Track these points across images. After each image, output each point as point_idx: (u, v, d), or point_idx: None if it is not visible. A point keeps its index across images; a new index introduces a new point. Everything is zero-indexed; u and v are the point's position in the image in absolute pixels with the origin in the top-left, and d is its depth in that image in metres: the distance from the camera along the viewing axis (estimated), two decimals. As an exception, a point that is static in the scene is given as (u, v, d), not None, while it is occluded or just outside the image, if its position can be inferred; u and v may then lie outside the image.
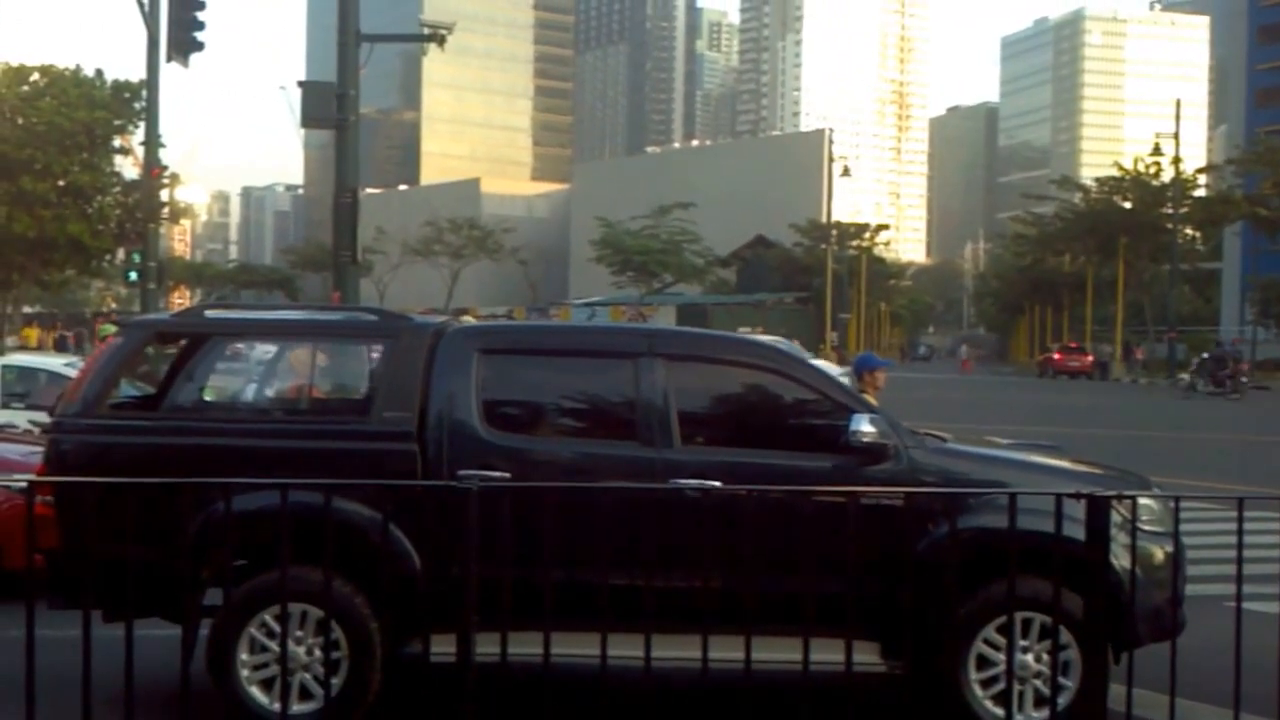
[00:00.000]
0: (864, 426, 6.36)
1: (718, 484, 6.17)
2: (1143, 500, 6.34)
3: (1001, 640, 6.06)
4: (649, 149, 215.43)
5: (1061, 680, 5.97)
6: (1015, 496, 5.66)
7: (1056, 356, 65.23)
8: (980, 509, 6.22)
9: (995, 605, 6.11)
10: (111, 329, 12.35)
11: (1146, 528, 6.35)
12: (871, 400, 8.01)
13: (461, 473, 6.17)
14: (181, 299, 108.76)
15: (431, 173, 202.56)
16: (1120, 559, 6.11)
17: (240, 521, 5.85)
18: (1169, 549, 6.28)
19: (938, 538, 6.12)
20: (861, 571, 5.79)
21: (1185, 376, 47.32)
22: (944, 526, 6.08)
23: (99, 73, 42.10)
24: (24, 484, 5.89)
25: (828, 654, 5.63)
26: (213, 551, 6.04)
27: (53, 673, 5.44)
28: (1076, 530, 5.65)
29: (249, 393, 7.78)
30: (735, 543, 5.77)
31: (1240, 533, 5.77)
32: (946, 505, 6.15)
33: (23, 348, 36.38)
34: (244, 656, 6.16)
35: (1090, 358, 64.33)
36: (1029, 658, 6.20)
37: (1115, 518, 5.91)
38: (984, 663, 6.25)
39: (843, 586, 5.60)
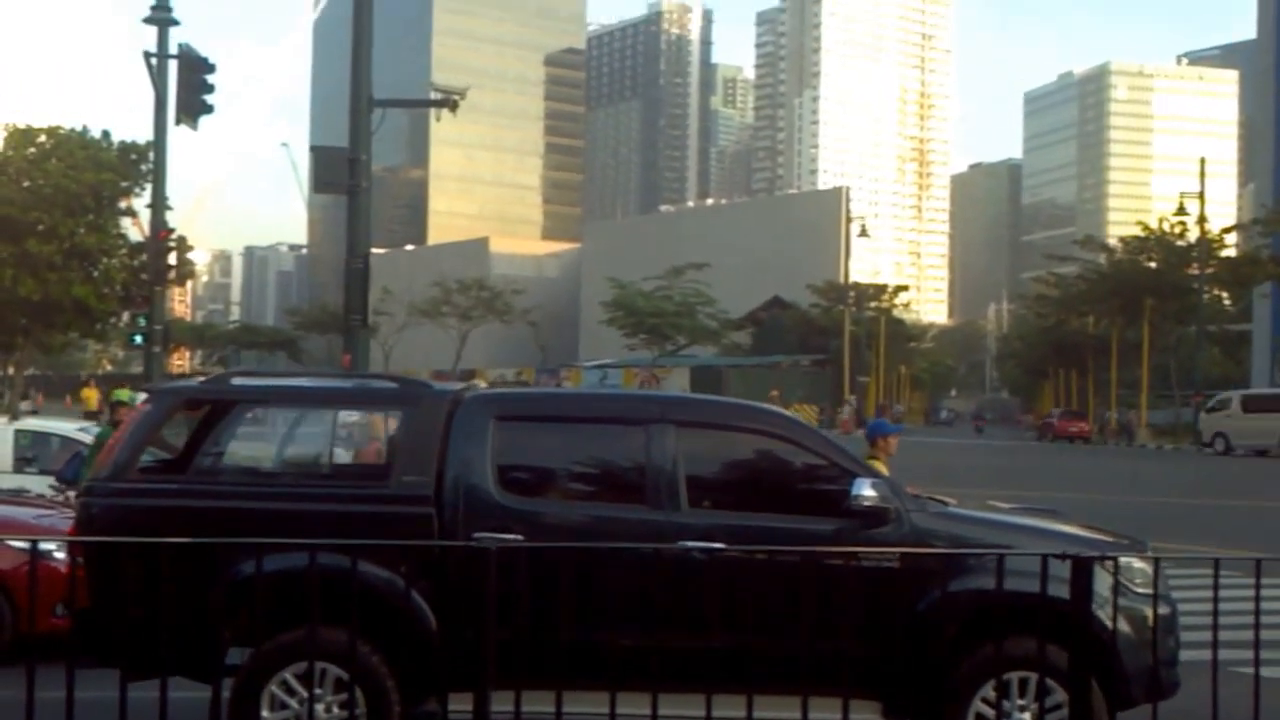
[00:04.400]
0: (865, 491, 6.65)
1: (723, 546, 6.46)
2: (1137, 563, 6.74)
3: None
4: (662, 208, 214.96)
5: None
6: (1003, 558, 6.12)
7: (1057, 422, 66.67)
8: (978, 571, 6.52)
9: (992, 664, 6.47)
10: (125, 394, 13.39)
11: (1140, 590, 6.66)
12: (882, 465, 8.67)
13: (477, 535, 6.47)
14: (181, 361, 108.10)
15: (439, 232, 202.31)
16: (1115, 620, 6.37)
17: (265, 582, 6.15)
18: (1162, 611, 6.59)
19: (935, 599, 6.40)
20: (862, 632, 6.28)
21: None
22: (940, 588, 6.40)
23: (106, 134, 42.19)
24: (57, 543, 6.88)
25: (830, 713, 5.94)
26: (241, 611, 6.38)
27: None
28: (1066, 591, 6.01)
29: (273, 457, 7.94)
30: (740, 602, 6.29)
31: (1216, 593, 6.10)
32: (942, 567, 6.42)
33: (86, 413, 35.82)
34: (266, 713, 6.43)
35: (1086, 424, 65.93)
36: (1026, 716, 6.43)
37: (1109, 579, 6.35)
38: None
39: (844, 646, 6.07)
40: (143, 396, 8.02)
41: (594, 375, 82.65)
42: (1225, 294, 71.23)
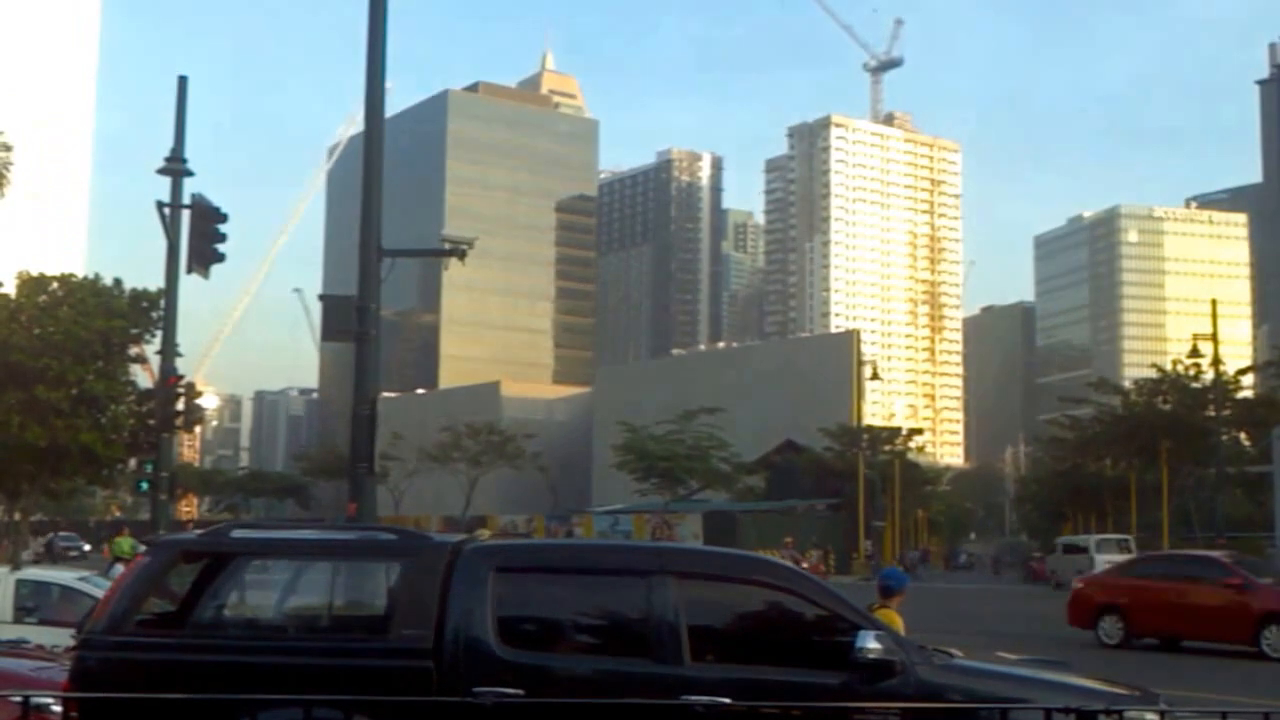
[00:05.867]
0: (870, 643, 6.61)
1: (727, 700, 6.44)
2: (1149, 715, 6.73)
3: None
4: (674, 351, 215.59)
5: None
6: (1007, 712, 6.20)
7: (1037, 565, 67.51)
8: None
9: None
10: (126, 544, 13.40)
11: None
12: (895, 616, 8.80)
13: (476, 690, 6.44)
14: (189, 508, 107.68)
15: (450, 376, 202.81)
16: None
17: None
18: None
19: None
20: None
21: None
22: None
23: (118, 281, 42.30)
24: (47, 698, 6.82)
25: None
26: None
27: None
28: None
29: (271, 610, 7.86)
30: None
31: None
32: None
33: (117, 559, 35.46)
34: None
35: None
36: None
37: None
38: None
39: None
40: (143, 548, 8.04)
41: (605, 521, 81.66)
42: (1244, 435, 70.56)
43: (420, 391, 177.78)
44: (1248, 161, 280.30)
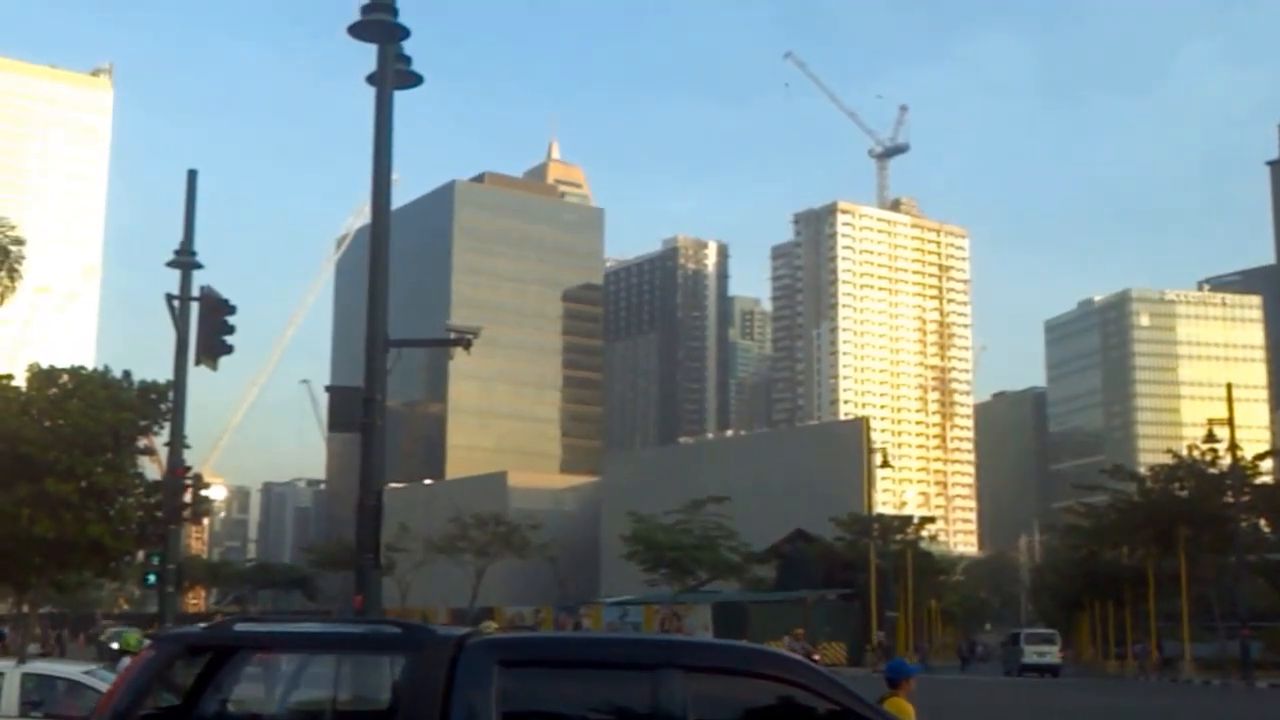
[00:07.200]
0: None
1: None
2: None
3: None
4: (681, 439, 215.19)
5: None
6: None
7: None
8: None
9: None
10: (132, 637, 14.05)
11: None
12: (906, 707, 8.74)
13: None
14: (196, 600, 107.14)
15: (457, 466, 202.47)
16: None
17: None
18: None
19: None
20: None
21: None
22: None
23: (127, 374, 42.41)
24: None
25: None
26: None
27: None
28: None
29: (275, 705, 7.81)
30: None
31: None
32: None
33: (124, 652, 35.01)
34: None
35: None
36: None
37: None
38: None
39: None
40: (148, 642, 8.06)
41: (614, 612, 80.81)
42: (1264, 522, 69.73)
43: (427, 482, 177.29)
44: (1260, 243, 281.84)
